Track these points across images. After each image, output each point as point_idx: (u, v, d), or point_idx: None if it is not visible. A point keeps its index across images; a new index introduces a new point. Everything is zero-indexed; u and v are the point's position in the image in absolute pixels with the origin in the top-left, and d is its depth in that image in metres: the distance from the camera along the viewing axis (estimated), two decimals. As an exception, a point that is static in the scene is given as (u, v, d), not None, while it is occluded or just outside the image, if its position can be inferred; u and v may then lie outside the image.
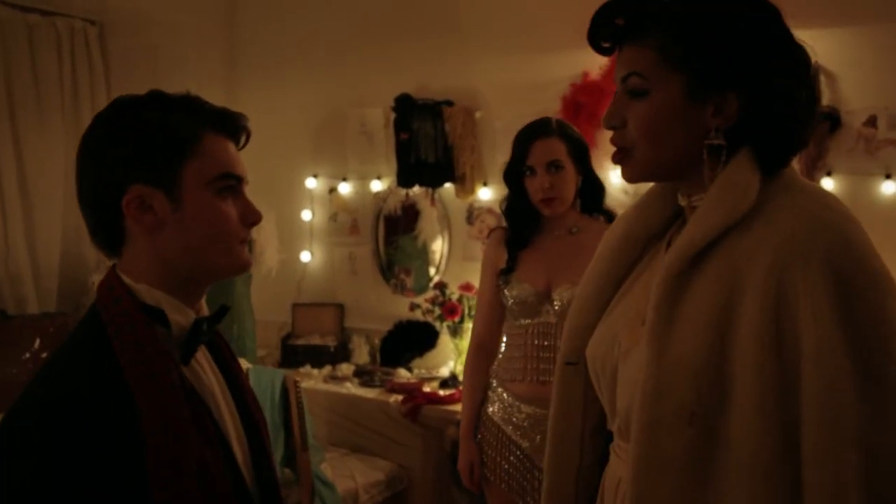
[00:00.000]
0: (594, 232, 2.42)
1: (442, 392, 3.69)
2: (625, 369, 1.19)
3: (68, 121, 4.13)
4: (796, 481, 1.01)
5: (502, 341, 2.52)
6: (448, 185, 4.18)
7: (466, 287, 3.91)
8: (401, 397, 3.69)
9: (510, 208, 2.50)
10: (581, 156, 2.43)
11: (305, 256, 4.70)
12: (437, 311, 4.06)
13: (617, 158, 1.21)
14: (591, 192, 2.48)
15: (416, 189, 4.27)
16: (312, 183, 4.67)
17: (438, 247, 4.33)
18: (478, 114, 4.09)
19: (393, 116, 4.19)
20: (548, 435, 1.40)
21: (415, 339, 4.24)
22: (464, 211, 4.22)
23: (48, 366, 1.15)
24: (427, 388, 3.78)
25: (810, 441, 1.00)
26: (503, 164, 2.51)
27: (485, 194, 4.09)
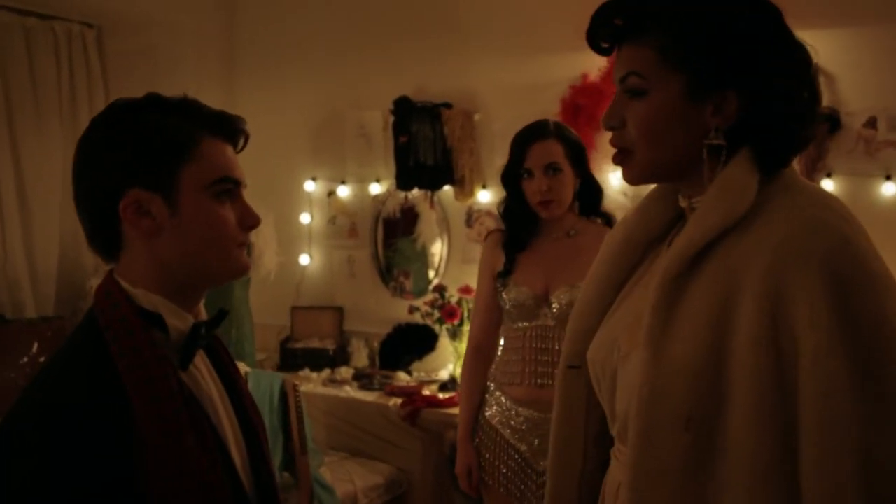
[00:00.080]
0: (592, 234, 2.42)
1: (441, 395, 3.69)
2: (624, 373, 1.18)
3: (66, 125, 4.12)
4: (795, 485, 1.00)
5: (500, 344, 2.51)
6: (447, 187, 4.18)
7: (466, 290, 3.91)
8: (400, 400, 3.69)
9: (508, 211, 2.50)
10: (579, 158, 2.42)
11: (304, 259, 4.70)
12: (437, 313, 4.06)
13: (617, 160, 1.20)
14: (588, 194, 2.47)
15: (415, 192, 4.26)
16: (311, 186, 4.66)
17: (437, 249, 4.32)
18: (477, 116, 4.09)
19: (392, 119, 4.19)
20: (550, 439, 1.39)
21: (414, 342, 4.24)
22: (463, 213, 4.21)
23: (45, 370, 1.14)
24: (426, 392, 3.79)
25: (808, 444, 0.99)
26: (502, 167, 2.51)
27: (484, 197, 4.08)
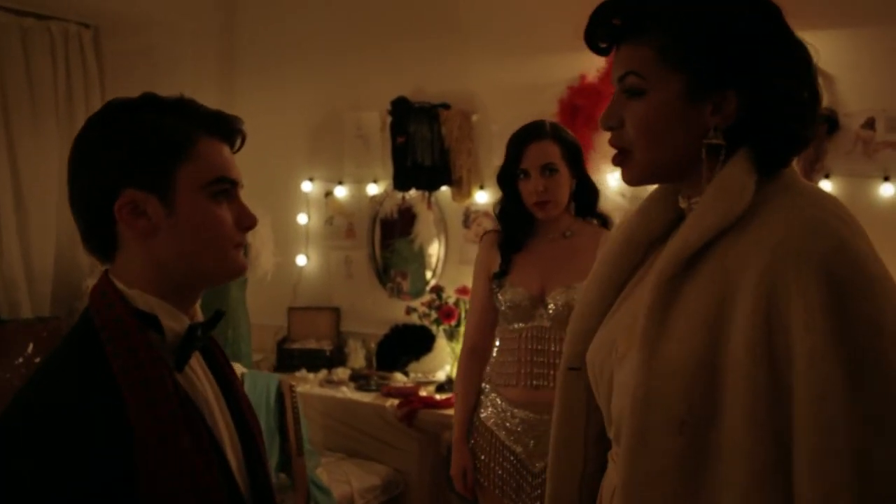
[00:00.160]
0: (588, 235, 2.42)
1: (438, 396, 3.69)
2: (620, 374, 1.17)
3: (63, 125, 4.11)
4: (789, 491, 0.99)
5: (495, 345, 2.50)
6: (444, 188, 4.18)
7: (463, 291, 3.90)
8: (397, 401, 3.68)
9: (504, 211, 2.49)
10: (575, 159, 2.41)
11: (301, 260, 4.69)
12: (434, 314, 4.05)
13: (617, 161, 1.19)
14: (584, 195, 2.47)
15: (413, 192, 4.25)
16: (308, 186, 4.66)
17: (435, 250, 4.32)
18: (474, 117, 4.08)
19: (389, 120, 4.18)
20: (551, 441, 1.38)
21: (411, 343, 4.23)
22: (460, 214, 4.21)
23: (40, 371, 1.13)
24: (423, 392, 3.78)
25: (802, 448, 0.97)
26: (500, 168, 2.50)
27: (481, 198, 4.08)
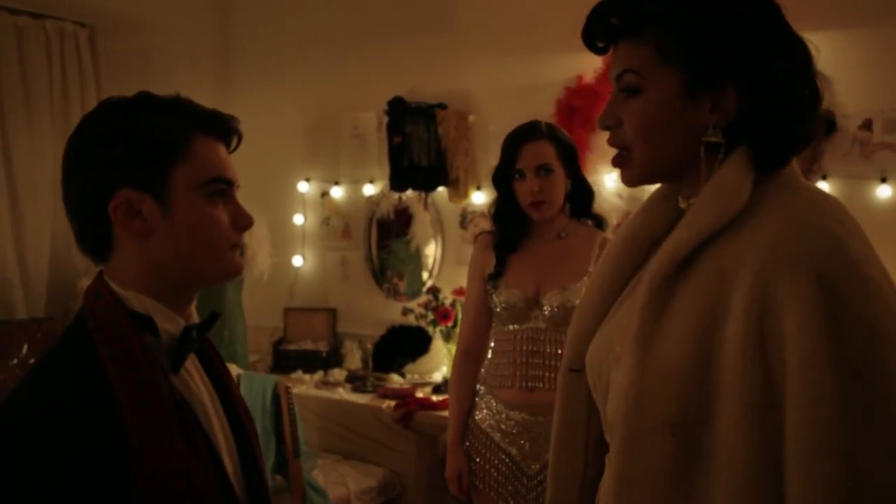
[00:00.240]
0: (583, 236, 2.42)
1: (435, 397, 3.68)
2: (616, 376, 1.16)
3: (58, 125, 4.09)
4: (781, 494, 0.97)
5: (490, 347, 2.49)
6: (441, 188, 4.17)
7: (460, 292, 3.89)
8: (393, 403, 3.67)
9: (499, 212, 2.48)
10: (570, 159, 2.41)
11: (297, 261, 4.68)
12: (431, 315, 4.05)
13: (616, 161, 1.18)
14: (580, 196, 2.46)
15: (409, 193, 4.25)
16: (305, 187, 4.65)
17: (431, 251, 4.31)
18: (471, 117, 4.08)
19: (386, 120, 4.17)
20: (551, 444, 1.37)
21: (407, 344, 4.23)
22: (457, 215, 4.21)
23: (33, 372, 1.12)
24: (420, 394, 3.77)
25: (794, 453, 0.96)
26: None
27: (478, 198, 4.07)
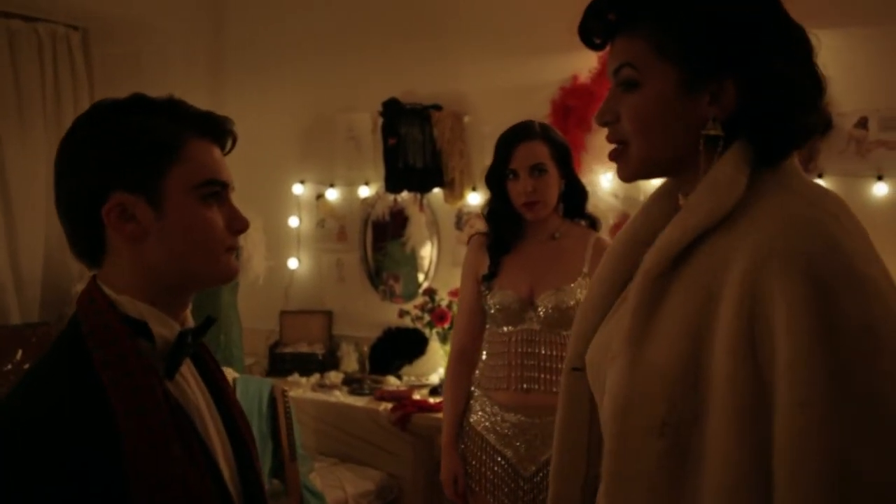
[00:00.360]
0: (576, 237, 2.41)
1: (432, 399, 3.67)
2: (611, 375, 1.13)
3: (50, 128, 4.07)
4: (771, 498, 0.95)
5: (484, 349, 2.47)
6: (437, 190, 4.16)
7: (456, 293, 3.86)
8: (390, 405, 3.66)
9: (492, 212, 2.47)
10: (564, 160, 2.40)
11: (293, 263, 4.67)
12: (427, 317, 4.04)
13: (613, 156, 1.16)
14: (573, 196, 2.45)
15: (405, 194, 4.24)
16: (299, 189, 4.64)
17: (427, 253, 4.30)
18: (466, 118, 4.07)
19: (381, 121, 4.17)
20: (553, 444, 1.35)
21: (404, 346, 4.22)
22: (453, 216, 4.20)
23: (27, 378, 1.10)
24: (417, 396, 3.76)
25: (782, 456, 0.93)
26: (490, 169, 2.48)
27: (474, 199, 4.06)
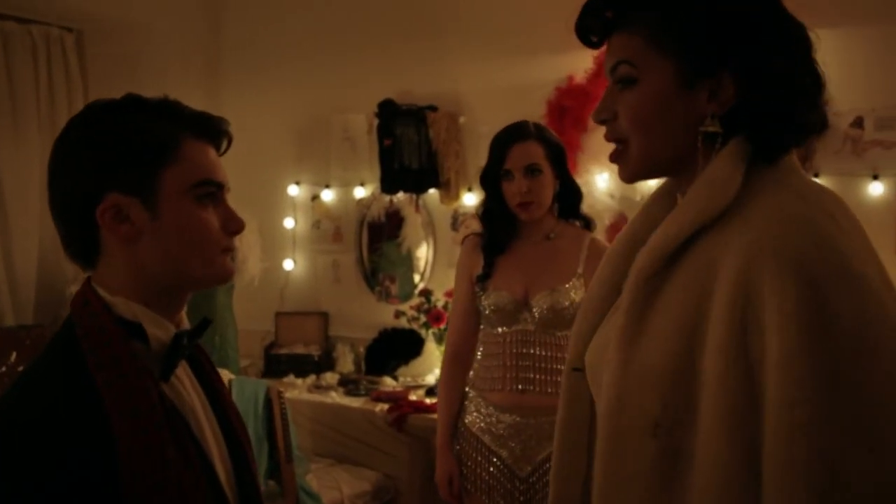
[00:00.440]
0: (571, 237, 2.41)
1: (428, 400, 3.66)
2: (605, 376, 1.13)
3: (44, 130, 4.06)
4: (761, 498, 0.94)
5: (478, 350, 2.47)
6: (432, 190, 4.16)
7: (452, 294, 3.87)
8: (386, 406, 3.65)
9: (487, 213, 2.46)
10: (559, 160, 2.39)
11: (288, 264, 4.66)
12: (423, 318, 4.04)
13: (613, 157, 1.15)
14: (568, 196, 2.44)
15: (400, 195, 4.23)
16: (295, 190, 4.63)
17: (423, 253, 4.30)
18: (462, 119, 4.07)
19: (376, 122, 4.16)
20: (554, 445, 1.35)
21: (400, 347, 4.22)
22: (448, 217, 4.19)
23: (21, 381, 1.09)
24: (413, 397, 3.76)
25: (771, 458, 0.92)
26: (486, 170, 2.48)
27: (469, 200, 4.06)
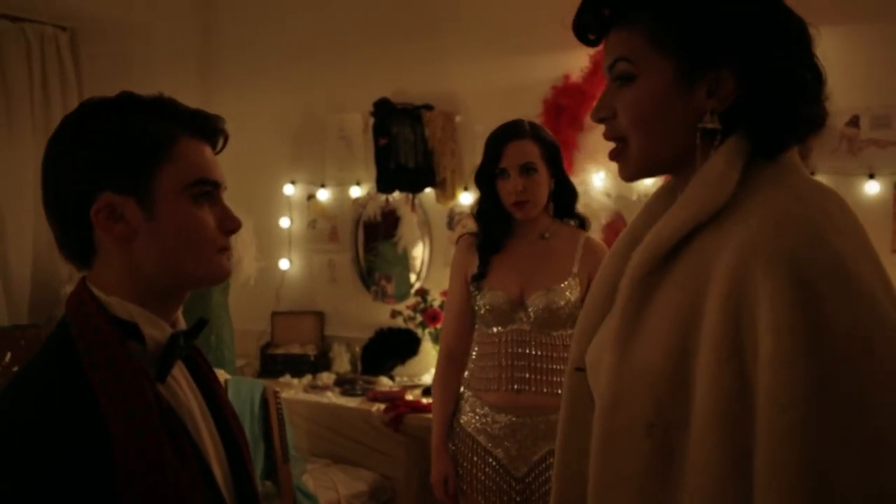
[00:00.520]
0: (566, 237, 2.40)
1: (424, 400, 3.65)
2: (600, 375, 1.12)
3: (38, 129, 4.05)
4: (752, 502, 0.93)
5: (473, 350, 2.46)
6: (428, 190, 4.15)
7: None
8: (383, 406, 3.65)
9: (482, 211, 2.45)
10: (554, 159, 2.39)
11: (284, 264, 4.65)
12: (419, 317, 4.03)
13: (613, 155, 1.14)
14: (563, 196, 2.44)
15: (396, 195, 4.23)
16: (290, 189, 4.62)
17: (419, 253, 4.29)
18: (458, 118, 4.06)
19: (372, 121, 4.16)
20: (556, 444, 1.35)
21: (396, 347, 4.21)
22: (444, 216, 4.19)
23: (15, 382, 1.08)
24: (409, 396, 3.76)
25: (761, 460, 0.91)
26: (482, 169, 2.47)
27: (466, 199, 4.05)
